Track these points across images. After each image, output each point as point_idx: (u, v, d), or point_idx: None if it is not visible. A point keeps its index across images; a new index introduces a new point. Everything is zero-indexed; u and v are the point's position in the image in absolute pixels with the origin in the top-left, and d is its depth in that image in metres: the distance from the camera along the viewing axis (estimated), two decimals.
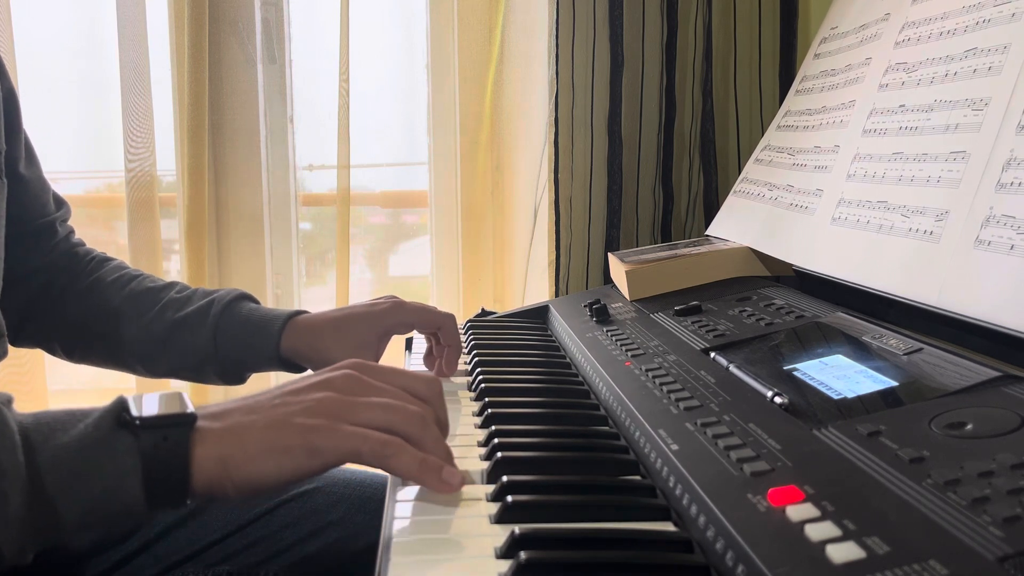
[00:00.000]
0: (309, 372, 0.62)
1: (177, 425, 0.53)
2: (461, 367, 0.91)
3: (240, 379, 0.93)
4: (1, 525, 0.47)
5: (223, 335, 0.88)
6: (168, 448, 0.52)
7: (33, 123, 0.97)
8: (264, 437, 0.54)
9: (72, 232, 0.99)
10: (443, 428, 0.62)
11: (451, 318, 0.90)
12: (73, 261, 0.96)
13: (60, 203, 0.98)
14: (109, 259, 0.98)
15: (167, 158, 1.55)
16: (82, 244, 0.99)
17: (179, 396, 0.55)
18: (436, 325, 0.90)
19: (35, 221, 0.93)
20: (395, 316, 0.88)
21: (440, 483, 0.56)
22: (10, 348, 0.83)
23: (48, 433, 0.51)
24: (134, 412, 0.52)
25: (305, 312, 0.90)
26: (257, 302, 0.93)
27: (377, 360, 0.88)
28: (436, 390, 0.62)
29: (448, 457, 0.58)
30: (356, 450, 0.54)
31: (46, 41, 1.57)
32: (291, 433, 0.54)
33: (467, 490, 0.58)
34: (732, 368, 0.70)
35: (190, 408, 0.54)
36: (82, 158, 1.62)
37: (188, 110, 1.49)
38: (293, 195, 1.64)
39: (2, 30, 1.45)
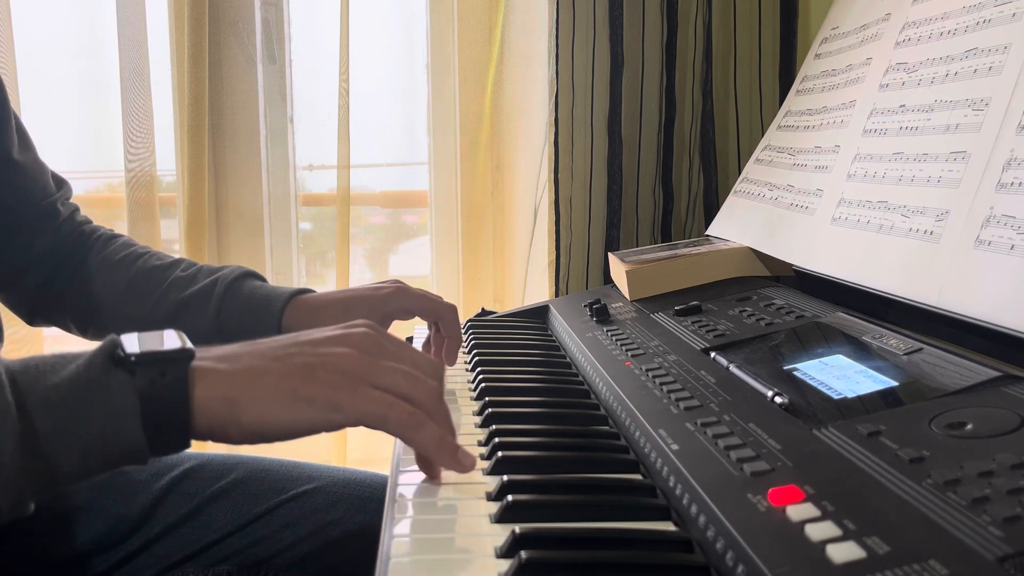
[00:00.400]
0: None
1: (174, 360, 0.50)
2: (461, 366, 0.91)
3: None
4: None
5: (226, 314, 0.88)
6: (166, 384, 0.50)
7: (33, 123, 0.97)
8: (283, 383, 0.52)
9: (77, 210, 0.99)
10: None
11: (452, 309, 0.89)
12: (80, 240, 0.96)
13: (60, 183, 0.97)
14: (116, 236, 0.98)
15: (167, 158, 1.55)
16: (88, 222, 0.99)
17: (176, 333, 0.53)
18: (437, 314, 0.89)
19: (37, 204, 0.93)
20: (397, 301, 0.88)
21: (455, 463, 0.56)
22: (9, 342, 0.84)
23: (37, 375, 0.49)
24: (128, 349, 0.50)
25: (309, 291, 0.90)
26: (262, 279, 0.93)
27: None
28: (441, 372, 0.62)
29: (454, 435, 0.58)
30: (383, 415, 0.53)
31: (46, 41, 1.57)
32: (315, 384, 0.52)
33: (467, 489, 0.58)
34: (732, 368, 0.70)
35: (188, 344, 0.52)
36: (82, 158, 1.62)
37: (188, 110, 1.49)
38: (293, 195, 1.64)
39: (2, 30, 1.45)
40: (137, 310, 0.91)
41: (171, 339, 0.53)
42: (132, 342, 0.51)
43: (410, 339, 1.05)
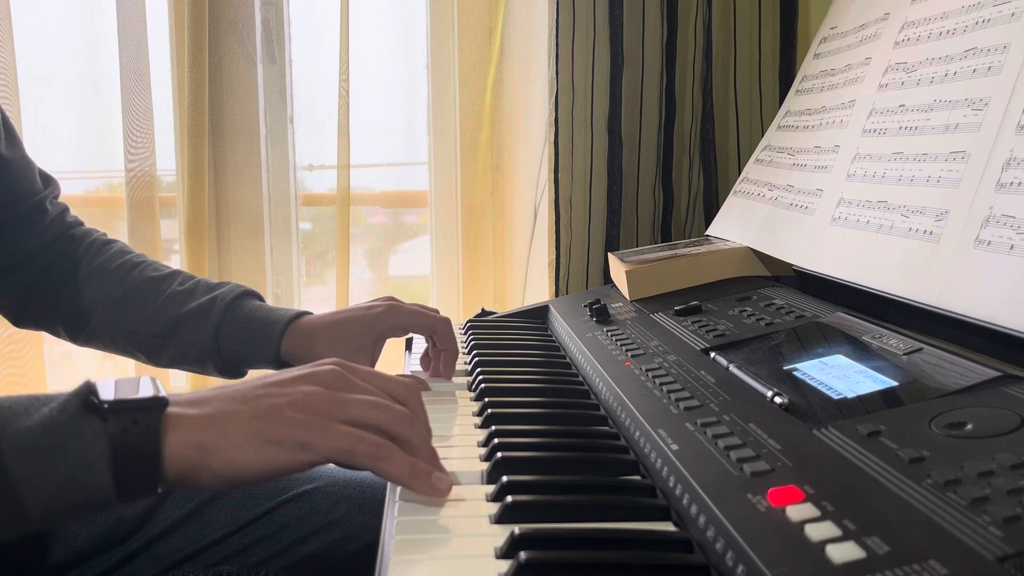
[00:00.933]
0: None
1: (147, 409, 0.51)
2: (461, 367, 0.91)
3: (239, 374, 0.93)
4: None
5: (225, 334, 0.88)
6: (138, 432, 0.50)
7: (33, 123, 0.97)
8: (251, 426, 0.53)
9: (66, 210, 0.98)
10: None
11: (446, 322, 0.89)
12: (71, 243, 0.95)
13: (48, 181, 0.97)
14: (111, 242, 0.97)
15: (167, 158, 1.55)
16: (79, 223, 0.98)
17: (150, 380, 0.54)
18: (431, 329, 0.89)
19: (23, 202, 0.92)
20: (390, 319, 0.88)
21: (430, 488, 0.55)
22: (9, 343, 0.83)
23: (10, 417, 0.49)
24: (103, 396, 0.50)
25: (307, 314, 0.90)
26: (260, 298, 0.93)
27: (373, 364, 0.88)
28: (415, 394, 0.62)
29: (434, 458, 0.58)
30: (350, 450, 0.54)
31: (46, 41, 1.57)
32: (282, 425, 0.53)
33: (467, 490, 0.58)
34: (732, 368, 0.70)
35: (162, 392, 0.52)
36: (82, 158, 1.62)
37: (188, 110, 1.49)
38: (293, 195, 1.64)
39: (2, 30, 1.45)
40: (132, 322, 0.91)
41: (146, 387, 0.53)
42: (107, 388, 0.51)
43: (410, 341, 1.05)
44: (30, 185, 0.93)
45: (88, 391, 0.51)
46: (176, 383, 1.59)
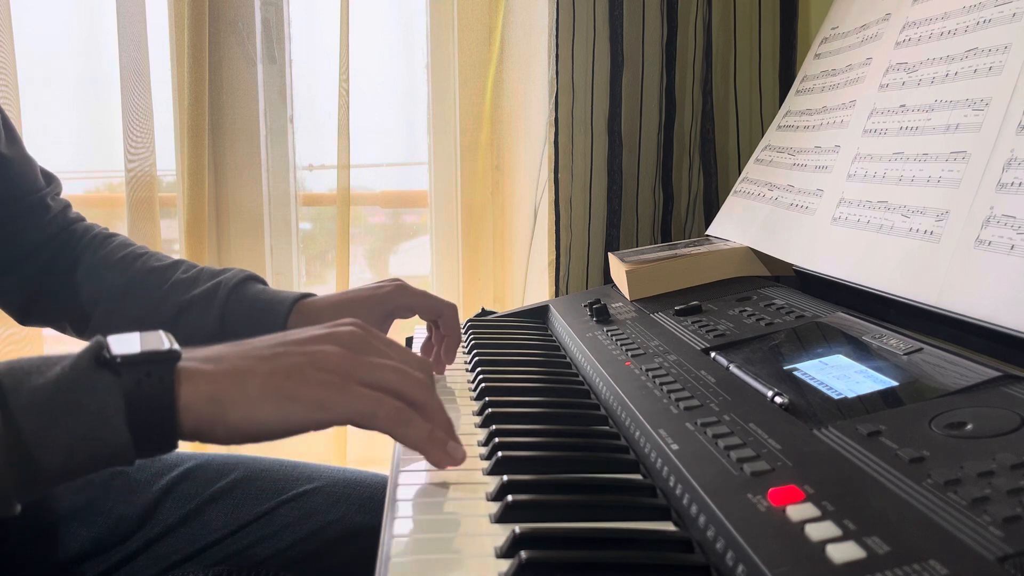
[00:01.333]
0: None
1: (160, 361, 0.51)
2: (461, 366, 0.91)
3: None
4: None
5: (230, 318, 0.88)
6: (152, 384, 0.50)
7: (33, 123, 0.97)
8: (270, 382, 0.52)
9: (68, 207, 0.98)
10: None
11: (452, 307, 0.89)
12: (72, 237, 0.95)
13: (49, 178, 0.97)
14: (113, 235, 0.97)
15: (167, 158, 1.55)
16: (81, 220, 0.98)
17: (159, 334, 0.53)
18: (437, 312, 0.89)
19: (24, 199, 0.92)
20: (397, 299, 0.88)
21: (445, 456, 0.56)
22: (8, 343, 0.83)
23: (22, 376, 0.49)
24: (114, 351, 0.50)
25: (311, 295, 0.90)
26: (264, 282, 0.93)
27: None
28: (429, 368, 0.62)
29: (449, 428, 0.59)
30: (371, 412, 0.54)
31: (46, 41, 1.57)
32: (302, 383, 0.53)
33: (467, 489, 0.58)
34: (732, 368, 0.70)
35: (174, 345, 0.52)
36: (82, 158, 1.62)
37: (188, 110, 1.49)
38: (293, 195, 1.64)
39: (2, 30, 1.45)
40: (136, 312, 0.91)
41: (157, 340, 0.52)
42: (118, 343, 0.51)
43: (409, 340, 1.05)
44: (32, 182, 0.93)
45: (99, 347, 0.50)
46: None
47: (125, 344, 0.51)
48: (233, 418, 0.51)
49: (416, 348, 0.96)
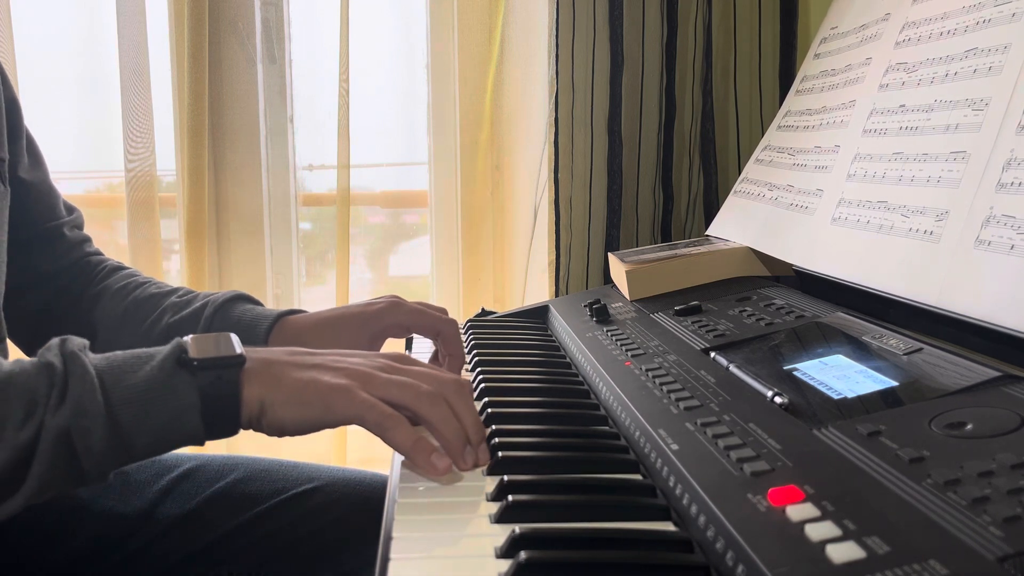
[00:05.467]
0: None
1: (230, 366, 0.60)
2: (464, 371, 0.90)
3: None
4: (88, 454, 0.56)
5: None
6: (222, 386, 0.59)
7: (33, 123, 0.96)
8: (293, 387, 0.61)
9: (88, 241, 0.98)
10: (472, 430, 0.63)
11: (451, 324, 0.86)
12: (85, 270, 0.95)
13: (71, 210, 0.97)
14: (121, 267, 0.97)
15: (167, 158, 1.55)
16: (98, 253, 0.98)
17: (229, 338, 0.63)
18: (434, 330, 0.86)
19: (42, 225, 0.92)
20: (389, 317, 0.85)
21: (428, 464, 0.59)
22: (15, 355, 0.82)
23: (119, 374, 0.58)
24: (191, 354, 0.60)
25: (299, 312, 0.88)
26: (257, 303, 0.91)
27: None
28: (459, 390, 0.64)
29: (457, 438, 0.61)
30: (361, 416, 0.60)
31: (46, 41, 1.57)
32: (315, 390, 0.61)
33: (467, 489, 0.58)
34: (732, 368, 0.70)
35: (239, 349, 0.61)
36: (82, 158, 1.62)
37: (188, 110, 1.49)
38: (293, 195, 1.64)
39: (2, 30, 1.45)
40: (130, 337, 0.89)
41: (229, 345, 0.62)
42: (197, 345, 0.61)
43: (409, 341, 1.03)
44: (50, 209, 0.93)
45: (181, 349, 0.60)
46: None
47: (203, 346, 0.61)
48: (269, 417, 0.61)
49: (417, 354, 0.95)
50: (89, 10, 1.56)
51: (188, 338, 0.62)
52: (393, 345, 0.90)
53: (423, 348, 0.96)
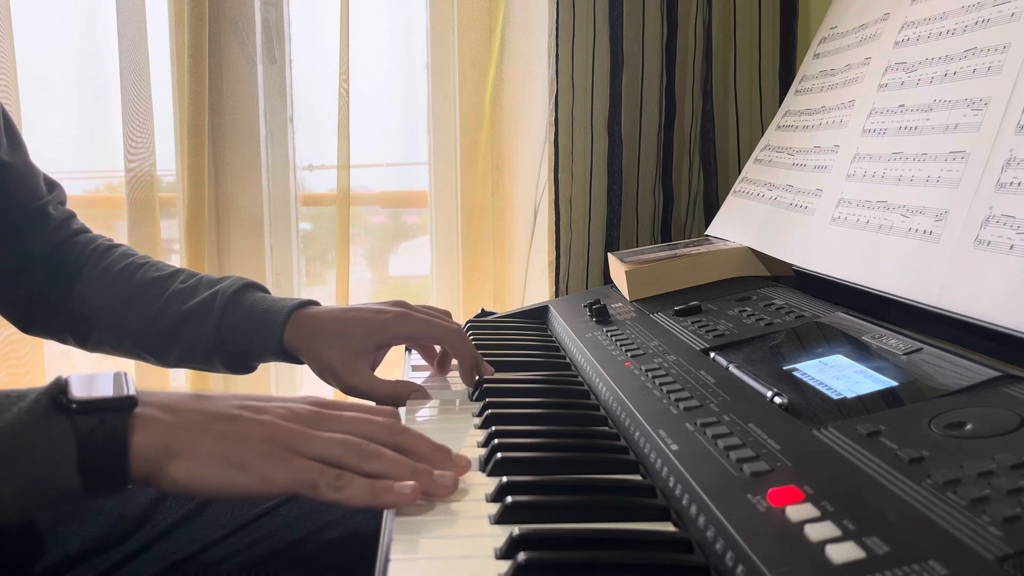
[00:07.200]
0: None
1: (115, 409, 0.51)
2: None
3: (247, 368, 0.92)
4: None
5: (227, 328, 0.88)
6: (105, 433, 0.50)
7: (33, 123, 0.97)
8: (219, 445, 0.53)
9: (73, 217, 0.98)
10: (429, 456, 0.60)
11: (457, 333, 0.86)
12: (76, 249, 0.95)
13: (52, 185, 0.96)
14: (115, 246, 0.97)
15: (167, 158, 1.55)
16: (86, 230, 0.98)
17: (121, 377, 0.54)
18: (440, 340, 0.87)
19: (26, 206, 0.92)
20: (397, 328, 0.86)
21: (397, 498, 0.55)
22: (8, 343, 0.83)
23: None
24: (73, 394, 0.51)
25: (312, 303, 0.89)
26: (264, 289, 0.92)
27: (374, 368, 0.88)
28: (392, 431, 0.61)
29: (410, 473, 0.57)
30: (312, 482, 0.54)
31: (46, 41, 1.57)
32: (249, 452, 0.54)
33: (467, 490, 0.58)
34: (732, 368, 0.70)
35: (131, 390, 0.53)
36: (82, 158, 1.62)
37: (188, 110, 1.49)
38: (293, 195, 1.64)
39: (2, 30, 1.45)
40: (137, 323, 0.90)
41: (116, 385, 0.53)
42: (79, 385, 0.52)
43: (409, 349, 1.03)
44: (33, 190, 0.93)
45: (58, 389, 0.51)
46: (176, 383, 1.59)
47: (86, 386, 0.52)
48: (179, 472, 0.52)
49: (417, 356, 0.95)
50: (89, 10, 1.56)
51: (71, 376, 0.52)
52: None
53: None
